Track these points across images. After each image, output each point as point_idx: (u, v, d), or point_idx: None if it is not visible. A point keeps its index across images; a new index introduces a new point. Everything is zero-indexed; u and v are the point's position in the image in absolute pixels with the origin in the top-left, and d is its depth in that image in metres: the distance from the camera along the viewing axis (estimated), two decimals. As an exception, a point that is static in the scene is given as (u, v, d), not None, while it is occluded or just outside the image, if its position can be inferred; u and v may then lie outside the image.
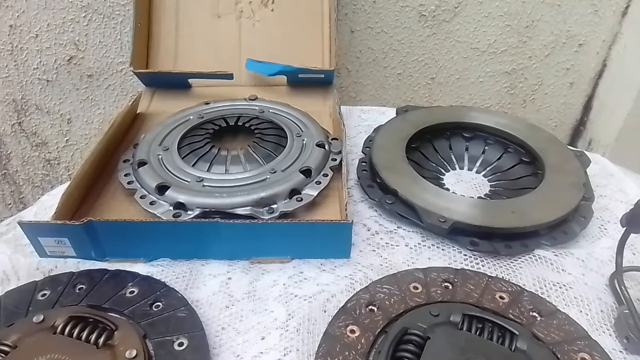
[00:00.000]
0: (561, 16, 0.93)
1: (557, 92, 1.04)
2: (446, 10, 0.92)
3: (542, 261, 0.49)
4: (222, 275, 0.48)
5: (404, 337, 0.38)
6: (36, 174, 1.12)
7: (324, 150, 0.59)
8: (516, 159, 0.63)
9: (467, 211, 0.50)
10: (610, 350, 0.39)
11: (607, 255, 0.49)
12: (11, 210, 1.17)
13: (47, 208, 0.57)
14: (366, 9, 0.92)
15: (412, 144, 0.62)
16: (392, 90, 1.02)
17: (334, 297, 0.45)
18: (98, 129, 1.05)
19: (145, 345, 0.38)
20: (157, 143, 0.61)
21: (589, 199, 0.54)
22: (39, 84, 0.98)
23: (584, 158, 0.59)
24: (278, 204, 0.51)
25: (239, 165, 0.58)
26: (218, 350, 0.40)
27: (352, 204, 0.57)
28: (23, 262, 0.49)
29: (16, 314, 0.41)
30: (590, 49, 0.98)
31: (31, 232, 0.48)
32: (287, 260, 0.49)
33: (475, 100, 1.04)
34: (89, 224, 0.46)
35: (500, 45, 0.97)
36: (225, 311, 0.44)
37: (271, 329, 0.42)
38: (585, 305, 0.44)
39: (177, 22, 0.78)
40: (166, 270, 0.48)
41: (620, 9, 0.93)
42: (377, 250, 0.50)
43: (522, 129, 0.64)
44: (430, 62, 0.99)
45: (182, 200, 0.51)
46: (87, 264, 0.49)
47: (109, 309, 0.42)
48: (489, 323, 0.39)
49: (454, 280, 0.44)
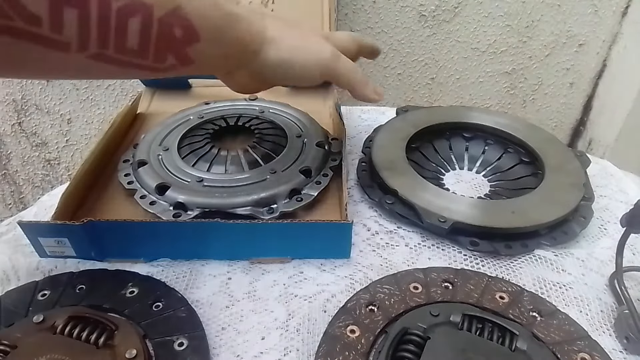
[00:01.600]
0: (561, 16, 0.94)
1: (557, 92, 1.04)
2: (446, 11, 0.92)
3: (542, 261, 0.49)
4: (222, 275, 0.48)
5: (404, 337, 0.38)
6: (36, 174, 1.12)
7: (323, 151, 0.59)
8: (516, 159, 0.63)
9: (467, 211, 0.50)
10: (610, 351, 0.39)
11: (607, 255, 0.50)
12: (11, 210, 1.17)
13: (47, 208, 0.57)
14: (366, 9, 0.92)
15: (412, 144, 0.62)
16: (392, 90, 1.02)
17: (334, 297, 0.45)
18: (98, 129, 1.05)
19: (145, 346, 0.38)
20: (157, 143, 0.61)
21: (589, 199, 0.54)
22: (39, 84, 0.98)
23: (584, 158, 0.59)
24: (278, 204, 0.51)
25: (239, 165, 0.58)
26: (218, 350, 0.40)
27: (352, 204, 0.57)
28: (23, 262, 0.49)
29: (16, 314, 0.41)
30: (590, 49, 0.98)
31: (31, 232, 0.48)
32: (287, 260, 0.49)
33: (475, 100, 1.04)
34: (89, 224, 0.46)
35: (500, 45, 0.97)
36: (225, 311, 0.44)
37: (271, 329, 0.42)
38: (585, 306, 0.44)
39: (177, 22, 0.78)
40: (166, 270, 0.48)
41: (620, 9, 0.93)
42: (377, 250, 0.50)
43: (522, 129, 0.64)
44: (430, 62, 0.99)
45: (182, 200, 0.51)
46: (87, 264, 0.49)
47: (109, 309, 0.42)
48: (489, 323, 0.39)
49: (454, 280, 0.44)
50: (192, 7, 0.34)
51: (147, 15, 0.31)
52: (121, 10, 0.29)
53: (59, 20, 0.26)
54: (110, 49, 0.30)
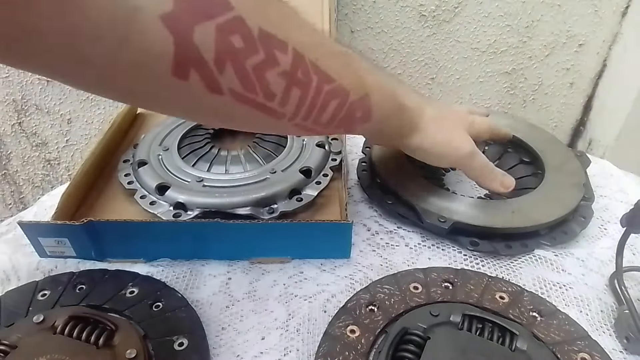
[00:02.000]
0: (561, 16, 0.93)
1: (557, 92, 1.04)
2: (446, 10, 0.92)
3: (542, 261, 0.49)
4: (222, 276, 0.48)
5: (404, 337, 0.38)
6: (36, 174, 1.12)
7: (324, 151, 0.59)
8: (516, 159, 0.63)
9: (467, 211, 0.50)
10: (611, 351, 0.39)
11: (607, 255, 0.49)
12: (11, 211, 1.17)
13: (47, 208, 0.57)
14: (366, 9, 0.92)
15: (412, 144, 0.62)
16: (392, 90, 1.02)
17: (334, 297, 0.45)
18: (98, 129, 1.05)
19: (145, 346, 0.38)
20: (157, 143, 0.61)
21: (589, 199, 0.54)
22: (39, 84, 0.98)
23: (584, 158, 0.59)
24: (278, 204, 0.51)
25: (239, 165, 0.58)
26: (218, 350, 0.40)
27: (352, 204, 0.57)
28: (23, 262, 0.49)
29: (16, 314, 0.41)
30: (590, 49, 0.98)
31: (31, 233, 0.48)
32: (287, 260, 0.49)
33: (476, 100, 1.04)
34: (89, 224, 0.46)
35: (501, 45, 0.97)
36: (225, 311, 0.44)
37: (271, 329, 0.42)
38: (585, 306, 0.44)
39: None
40: (166, 270, 0.48)
41: (621, 9, 0.93)
42: (377, 250, 0.50)
43: (522, 129, 0.64)
44: (430, 62, 0.99)
45: (182, 200, 0.51)
46: (87, 264, 0.49)
47: (109, 309, 0.42)
48: (489, 323, 0.39)
49: (454, 280, 0.44)
50: (376, 96, 0.40)
51: (344, 98, 0.37)
52: (328, 93, 0.35)
53: (286, 97, 0.32)
54: (309, 121, 0.36)
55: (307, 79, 0.33)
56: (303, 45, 0.32)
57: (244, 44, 0.28)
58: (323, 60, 0.34)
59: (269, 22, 0.29)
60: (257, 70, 0.29)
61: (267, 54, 0.29)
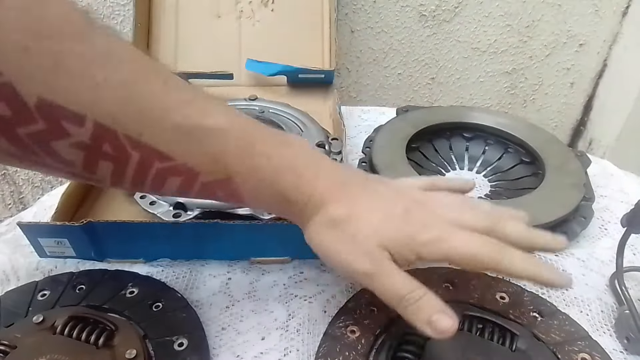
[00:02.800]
0: (562, 16, 0.93)
1: (558, 92, 1.03)
2: (446, 10, 0.92)
3: (543, 261, 0.48)
4: (222, 276, 0.48)
5: (404, 337, 0.38)
6: (36, 174, 1.12)
7: (324, 150, 0.58)
8: (516, 159, 0.63)
9: (468, 211, 0.50)
10: (611, 351, 0.39)
11: (607, 255, 0.49)
12: (11, 211, 1.17)
13: (47, 208, 0.57)
14: (366, 9, 0.91)
15: (412, 144, 0.62)
16: (392, 90, 1.02)
17: (334, 298, 0.45)
18: (98, 129, 1.05)
19: (145, 346, 0.38)
20: (157, 143, 0.61)
21: (589, 199, 0.54)
22: (39, 84, 0.97)
23: (584, 158, 0.59)
24: (278, 204, 0.51)
25: (239, 166, 0.58)
26: (218, 351, 0.40)
27: (352, 204, 0.57)
28: (23, 263, 0.49)
29: (16, 314, 0.41)
30: (590, 49, 0.97)
31: (31, 234, 0.47)
32: (287, 261, 0.49)
33: (476, 100, 1.04)
34: (89, 225, 0.46)
35: (501, 45, 0.97)
36: (225, 311, 0.44)
37: (271, 329, 0.42)
38: (585, 306, 0.44)
39: (177, 22, 0.78)
40: (166, 270, 0.48)
41: (621, 9, 0.93)
42: (377, 250, 0.50)
43: (523, 129, 0.64)
44: (430, 62, 0.99)
45: (182, 201, 0.51)
46: (87, 264, 0.49)
47: (109, 309, 0.42)
48: (490, 323, 0.38)
49: (454, 280, 0.44)
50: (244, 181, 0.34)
51: (191, 177, 0.33)
52: (164, 170, 0.32)
53: (93, 168, 0.30)
54: (145, 189, 0.33)
55: (120, 154, 0.30)
56: (115, 119, 0.28)
57: (11, 112, 0.26)
58: (152, 136, 0.30)
59: (55, 92, 0.26)
60: (36, 138, 0.27)
61: (50, 125, 0.27)
